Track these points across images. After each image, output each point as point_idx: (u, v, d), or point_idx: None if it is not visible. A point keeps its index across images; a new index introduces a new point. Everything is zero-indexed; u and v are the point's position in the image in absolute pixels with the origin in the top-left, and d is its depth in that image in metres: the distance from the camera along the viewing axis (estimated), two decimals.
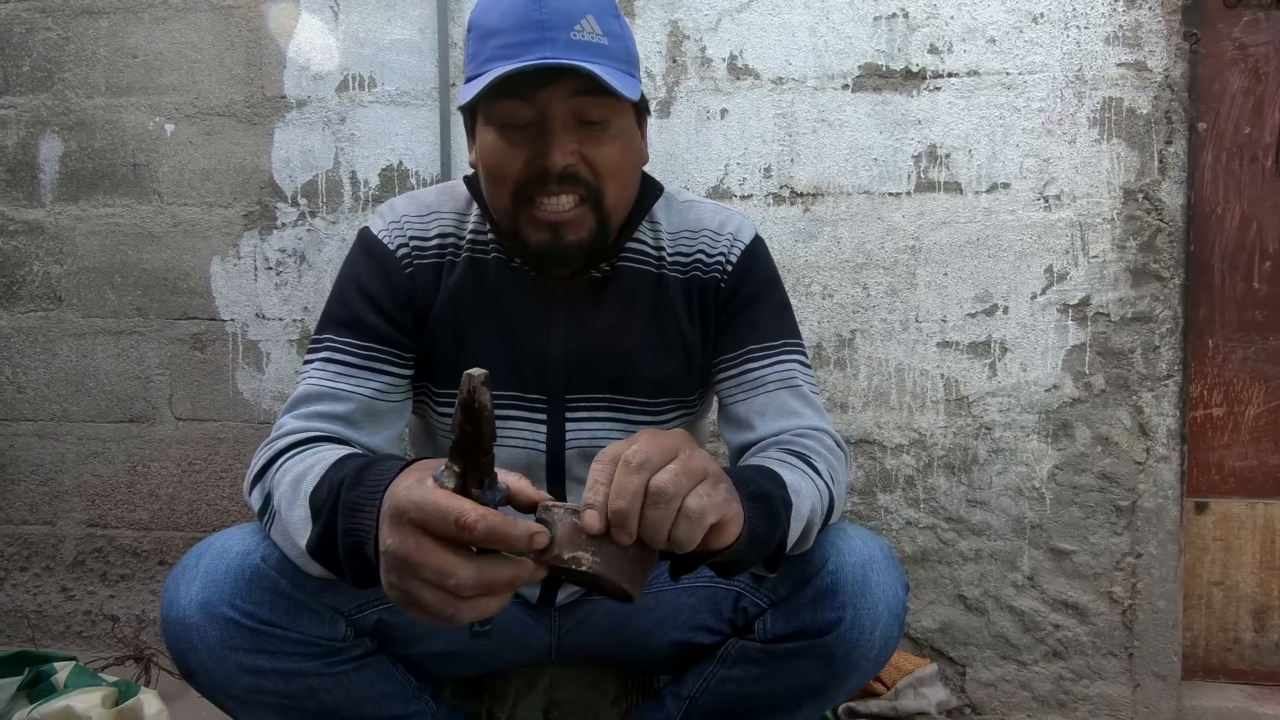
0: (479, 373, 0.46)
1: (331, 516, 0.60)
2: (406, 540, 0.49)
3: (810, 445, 0.78)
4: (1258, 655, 1.41)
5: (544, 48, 0.71)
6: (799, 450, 0.77)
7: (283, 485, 0.68)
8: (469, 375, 0.46)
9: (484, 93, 0.72)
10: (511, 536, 0.48)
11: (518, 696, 1.00)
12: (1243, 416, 1.40)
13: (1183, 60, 1.32)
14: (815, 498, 0.72)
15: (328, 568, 0.63)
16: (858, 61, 1.39)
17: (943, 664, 1.39)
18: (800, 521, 0.69)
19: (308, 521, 0.63)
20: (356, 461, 0.62)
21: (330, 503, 0.60)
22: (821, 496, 0.73)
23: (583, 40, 0.72)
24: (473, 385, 0.46)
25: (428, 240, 0.85)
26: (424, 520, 0.49)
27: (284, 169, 1.52)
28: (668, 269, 0.86)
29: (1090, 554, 1.37)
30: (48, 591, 1.61)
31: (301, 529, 0.64)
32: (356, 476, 0.59)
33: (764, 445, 0.81)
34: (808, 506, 0.70)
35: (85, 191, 1.56)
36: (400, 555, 0.49)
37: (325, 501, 0.61)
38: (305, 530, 0.63)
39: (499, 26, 0.73)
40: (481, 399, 0.46)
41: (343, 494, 0.59)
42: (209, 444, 1.56)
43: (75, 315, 1.58)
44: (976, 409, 1.39)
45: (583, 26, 0.72)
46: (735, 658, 0.84)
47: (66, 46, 1.55)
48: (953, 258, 1.39)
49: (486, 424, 0.47)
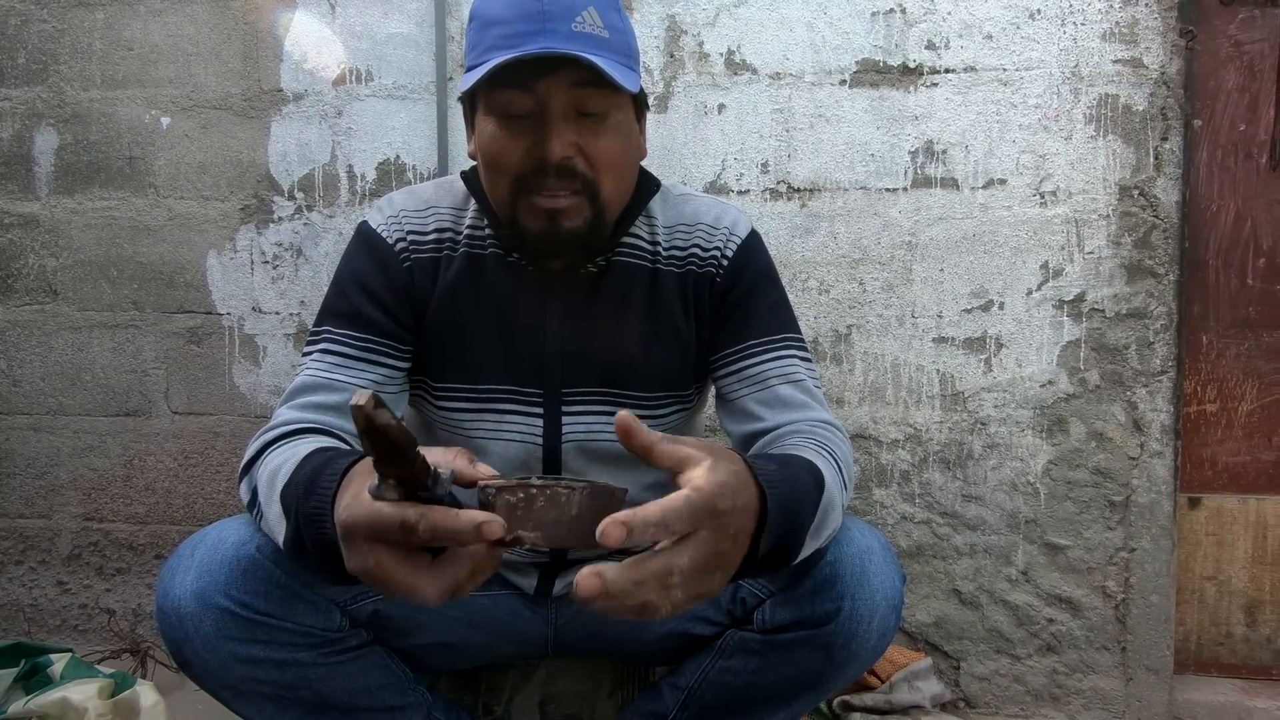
0: (362, 399, 0.44)
1: (298, 523, 0.60)
2: (366, 558, 0.50)
3: (828, 438, 0.78)
4: (1249, 650, 1.42)
5: (545, 38, 0.71)
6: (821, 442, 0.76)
7: (262, 480, 0.68)
8: (354, 407, 0.44)
9: (484, 81, 0.72)
10: (457, 530, 0.48)
11: (514, 689, 1.00)
12: (1236, 412, 1.41)
13: (1179, 57, 1.33)
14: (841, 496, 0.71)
15: (305, 567, 0.64)
16: (855, 57, 1.39)
17: (937, 658, 1.40)
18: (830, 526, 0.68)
19: (281, 520, 0.63)
20: (314, 462, 0.62)
21: (295, 508, 0.60)
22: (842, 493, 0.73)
23: (584, 32, 0.72)
24: (364, 414, 0.44)
25: (425, 235, 0.85)
26: (373, 534, 0.50)
27: (281, 163, 1.51)
28: (663, 263, 0.86)
29: (1084, 549, 1.37)
30: (43, 585, 1.60)
31: (277, 527, 0.64)
32: (309, 486, 0.59)
33: (780, 435, 0.80)
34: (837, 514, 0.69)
35: (81, 184, 1.56)
36: (365, 573, 0.50)
37: (292, 504, 0.61)
38: (280, 528, 0.64)
39: (500, 16, 0.73)
40: (379, 421, 0.45)
41: (300, 504, 0.59)
42: (205, 438, 1.56)
43: (71, 309, 1.57)
44: (972, 404, 1.39)
45: (584, 18, 0.72)
46: (734, 649, 0.84)
47: (62, 39, 1.54)
48: (949, 253, 1.39)
49: (398, 437, 0.46)
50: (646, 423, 0.88)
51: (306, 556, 0.61)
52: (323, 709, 0.77)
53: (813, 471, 0.66)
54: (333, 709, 0.77)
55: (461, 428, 0.87)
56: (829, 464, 0.71)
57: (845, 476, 0.75)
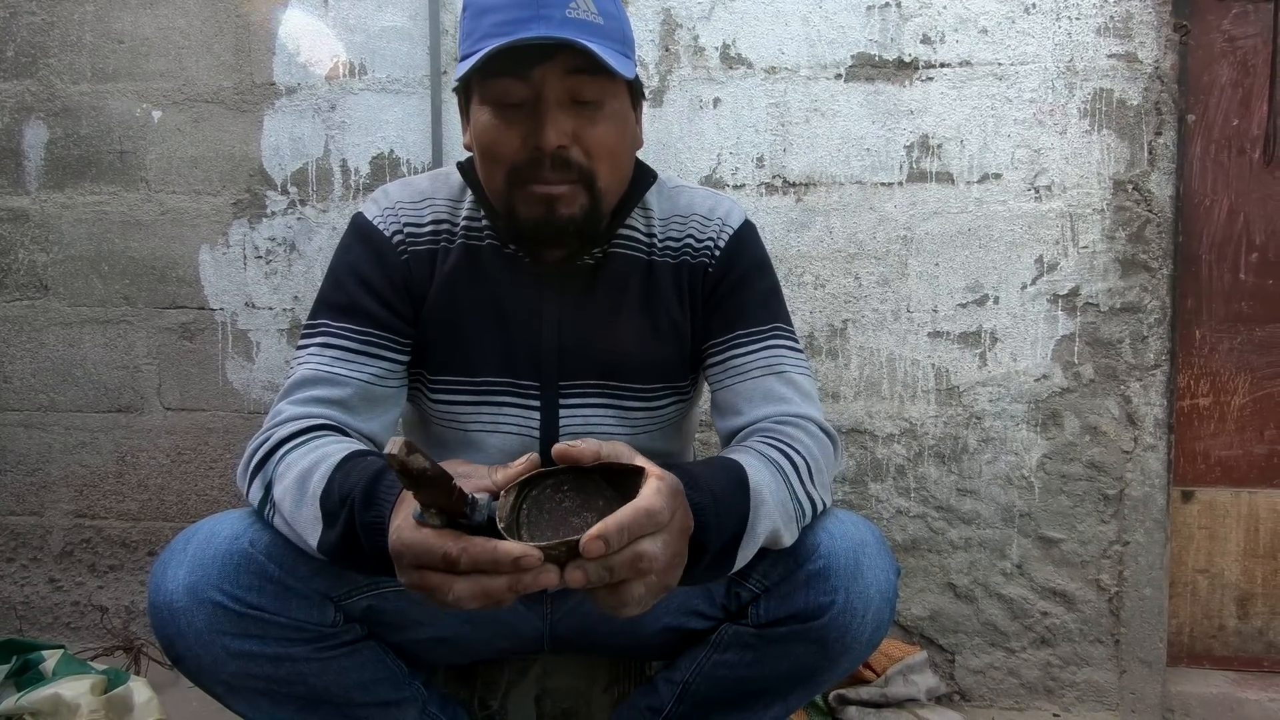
0: (396, 447, 0.47)
1: (349, 529, 0.64)
2: (414, 577, 0.56)
3: (793, 435, 0.78)
4: (1241, 642, 1.43)
5: (539, 25, 0.70)
6: (781, 441, 0.76)
7: (286, 480, 0.69)
8: (388, 456, 0.48)
9: (478, 69, 0.71)
10: (496, 562, 0.52)
11: (510, 684, 1.00)
12: (1229, 406, 1.42)
13: (1173, 52, 1.33)
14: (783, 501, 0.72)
15: (340, 564, 0.68)
16: (850, 51, 1.39)
17: (932, 651, 1.40)
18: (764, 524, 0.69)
19: (318, 522, 0.66)
20: (360, 471, 0.66)
21: (346, 518, 0.64)
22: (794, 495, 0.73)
23: (578, 18, 0.71)
24: (399, 461, 0.48)
25: (422, 226, 0.85)
26: (419, 560, 0.54)
27: (274, 157, 1.50)
28: (658, 255, 0.86)
29: (1078, 542, 1.38)
30: (35, 583, 1.59)
31: (311, 528, 0.67)
32: (366, 498, 0.63)
33: (747, 434, 0.81)
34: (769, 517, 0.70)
35: (71, 179, 1.54)
36: (416, 587, 0.56)
37: (339, 510, 0.65)
38: (315, 530, 0.66)
39: (494, 3, 0.72)
40: (414, 467, 0.48)
41: (357, 515, 0.63)
42: (198, 434, 1.55)
43: (62, 304, 1.56)
44: (967, 399, 1.40)
45: (578, 5, 0.72)
46: (728, 642, 0.84)
47: (51, 31, 1.53)
48: (944, 248, 1.39)
49: (434, 476, 0.50)
50: (644, 415, 0.88)
51: (347, 558, 0.65)
52: (317, 704, 0.76)
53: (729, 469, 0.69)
54: (327, 704, 0.77)
55: (458, 421, 0.86)
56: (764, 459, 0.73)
57: (799, 468, 0.75)
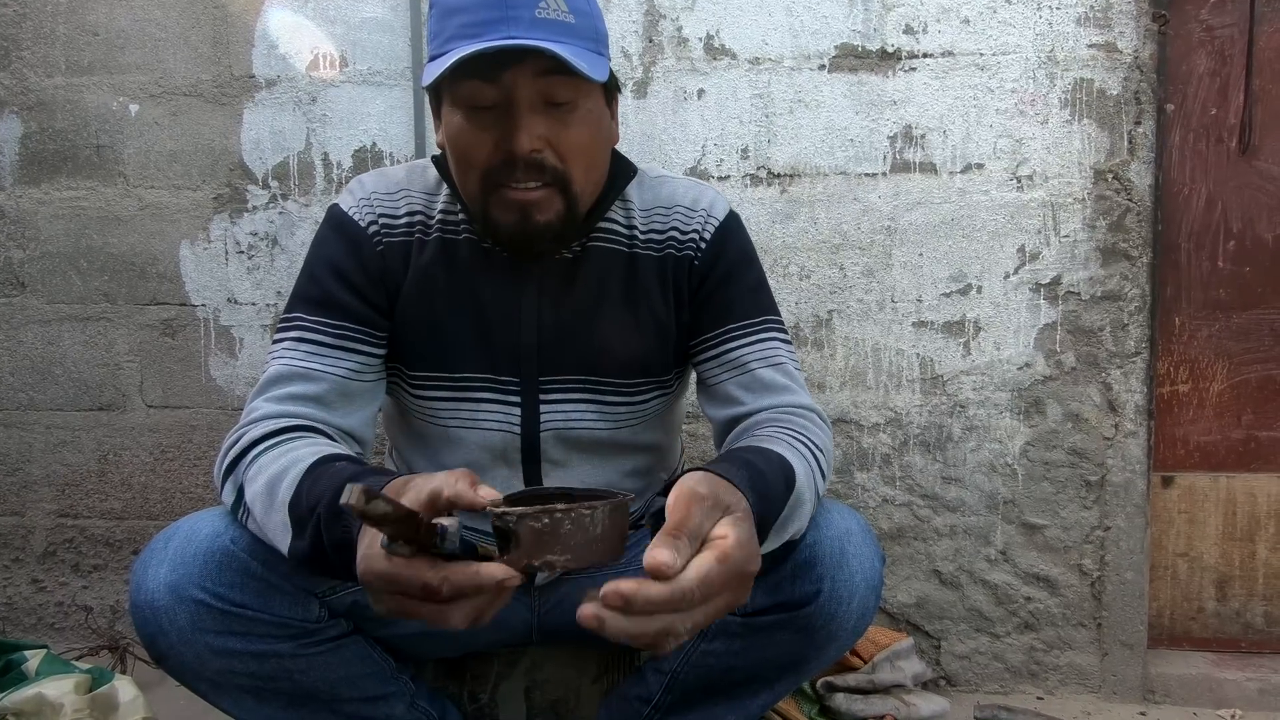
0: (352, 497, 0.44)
1: (318, 538, 0.62)
2: (391, 604, 0.53)
3: (806, 427, 0.79)
4: (1220, 623, 1.46)
5: (508, 26, 0.69)
6: (798, 432, 0.77)
7: (256, 484, 0.68)
8: (345, 506, 0.44)
9: (446, 74, 0.70)
10: (480, 587, 0.50)
11: (499, 676, 1.00)
12: (1207, 392, 1.44)
13: (1151, 41, 1.34)
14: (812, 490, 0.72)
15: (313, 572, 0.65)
16: (834, 42, 1.39)
17: (918, 638, 1.42)
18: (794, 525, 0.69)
19: (287, 529, 0.64)
20: (328, 480, 0.63)
21: (314, 528, 0.62)
22: (815, 485, 0.73)
23: (548, 18, 0.70)
24: (358, 511, 0.45)
25: (398, 218, 0.84)
26: (394, 589, 0.52)
27: (254, 150, 1.48)
28: (640, 247, 0.86)
29: (1061, 528, 1.40)
30: (18, 583, 1.58)
31: (281, 535, 0.65)
32: (331, 512, 0.60)
33: (758, 421, 0.80)
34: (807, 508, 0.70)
35: (47, 174, 1.52)
36: (394, 614, 0.53)
37: (307, 519, 0.62)
38: (285, 537, 0.65)
39: (461, 4, 0.71)
40: (375, 513, 0.46)
41: (324, 530, 0.61)
42: (182, 431, 1.53)
43: (40, 301, 1.54)
44: (951, 387, 1.41)
45: (548, 4, 0.70)
46: (715, 632, 0.84)
47: (23, 23, 1.50)
48: (928, 238, 1.40)
49: (397, 518, 0.47)
50: (626, 409, 0.88)
51: (320, 566, 0.63)
52: (303, 700, 0.76)
53: (784, 470, 0.67)
54: (313, 700, 0.77)
55: (438, 417, 0.86)
56: (802, 457, 0.72)
57: (822, 465, 0.76)
